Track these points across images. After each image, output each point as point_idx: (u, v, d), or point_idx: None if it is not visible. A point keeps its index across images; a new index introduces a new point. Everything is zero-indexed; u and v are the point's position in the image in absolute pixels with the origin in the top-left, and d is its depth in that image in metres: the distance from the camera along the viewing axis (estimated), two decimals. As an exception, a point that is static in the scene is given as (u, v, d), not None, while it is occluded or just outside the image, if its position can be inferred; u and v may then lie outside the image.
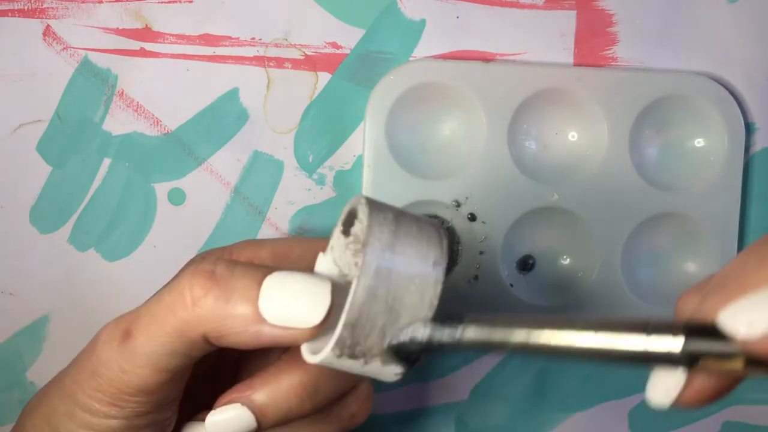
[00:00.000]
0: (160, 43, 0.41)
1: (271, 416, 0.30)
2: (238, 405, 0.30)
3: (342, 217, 0.30)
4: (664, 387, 0.25)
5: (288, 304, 0.27)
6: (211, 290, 0.28)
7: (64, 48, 0.41)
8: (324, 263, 0.30)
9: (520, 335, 0.25)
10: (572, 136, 0.43)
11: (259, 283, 0.27)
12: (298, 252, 0.33)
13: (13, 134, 0.42)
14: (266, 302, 0.27)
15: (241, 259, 0.34)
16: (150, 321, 0.29)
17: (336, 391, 0.32)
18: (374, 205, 0.27)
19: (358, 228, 0.30)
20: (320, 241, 0.33)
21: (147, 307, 0.29)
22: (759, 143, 0.43)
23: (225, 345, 0.28)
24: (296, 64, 0.42)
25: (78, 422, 0.30)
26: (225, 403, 0.30)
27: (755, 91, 0.43)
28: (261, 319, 0.27)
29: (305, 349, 0.28)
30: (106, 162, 0.42)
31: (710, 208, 0.43)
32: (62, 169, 0.42)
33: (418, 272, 0.27)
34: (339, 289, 0.28)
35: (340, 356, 0.26)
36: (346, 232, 0.30)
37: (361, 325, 0.26)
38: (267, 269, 0.28)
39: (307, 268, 0.31)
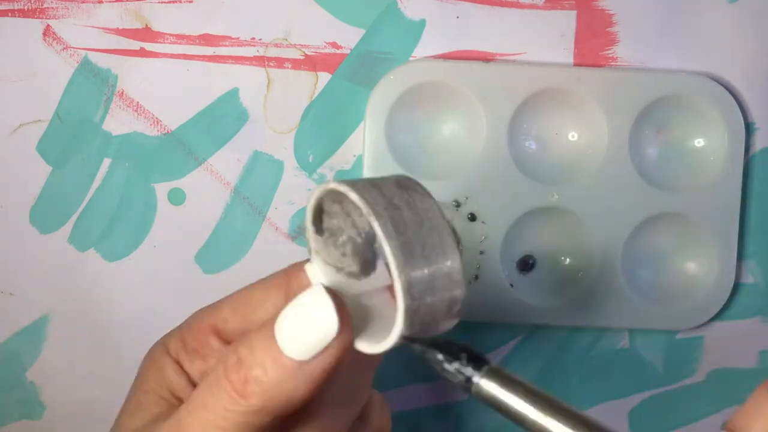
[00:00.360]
0: (160, 43, 0.41)
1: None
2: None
3: (309, 217, 0.29)
4: None
5: (304, 334, 0.26)
6: (248, 378, 0.27)
7: (64, 48, 0.41)
8: (315, 270, 0.29)
9: (532, 414, 0.25)
10: (572, 136, 0.43)
11: (273, 338, 0.26)
12: (258, 296, 0.31)
13: (13, 134, 0.42)
14: (289, 348, 0.26)
15: (202, 329, 0.32)
16: (201, 429, 0.27)
17: (348, 392, 0.30)
18: (345, 182, 0.27)
19: (329, 222, 0.29)
20: (276, 275, 0.31)
21: (188, 416, 0.27)
22: (759, 143, 0.43)
23: (300, 405, 0.27)
24: (296, 64, 0.42)
25: None
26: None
27: (755, 91, 0.43)
28: (299, 364, 0.26)
29: (366, 347, 0.27)
30: (106, 162, 0.42)
31: (710, 208, 0.43)
32: (62, 169, 0.42)
33: (424, 208, 0.27)
34: (347, 285, 0.28)
35: (414, 314, 0.26)
36: (319, 231, 0.29)
37: (416, 283, 0.25)
38: (270, 321, 0.27)
39: (272, 307, 0.30)
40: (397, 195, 0.27)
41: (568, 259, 0.44)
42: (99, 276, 0.43)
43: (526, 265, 0.43)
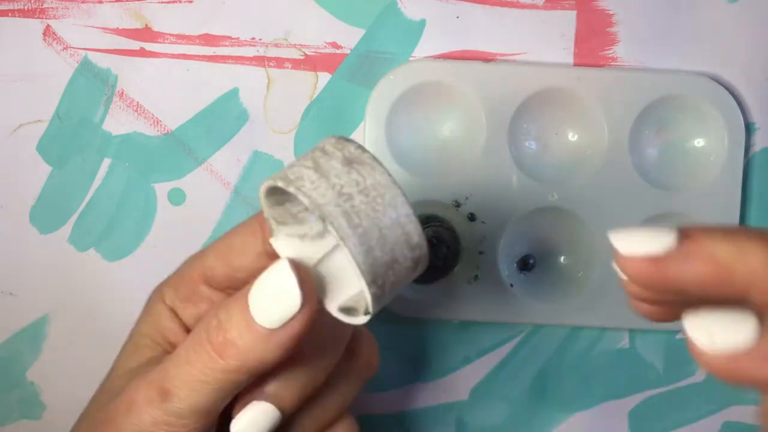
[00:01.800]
0: (160, 43, 0.41)
1: (288, 396, 0.31)
2: (254, 403, 0.31)
3: (262, 199, 0.30)
4: None
5: (271, 306, 0.28)
6: (225, 340, 0.29)
7: (64, 48, 0.41)
8: (280, 244, 0.30)
9: None
10: (572, 136, 0.43)
11: (248, 306, 0.29)
12: (238, 242, 0.33)
13: (13, 134, 0.42)
14: (260, 318, 0.28)
15: (192, 278, 0.34)
16: (186, 380, 0.30)
17: (330, 335, 0.32)
18: (289, 179, 0.28)
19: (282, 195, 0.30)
20: (250, 222, 0.33)
21: (175, 368, 0.30)
22: (759, 143, 0.43)
23: (274, 366, 0.29)
24: (296, 64, 0.42)
25: None
26: (240, 408, 0.31)
27: (755, 91, 0.43)
28: (269, 332, 0.28)
29: (342, 317, 0.29)
30: (106, 162, 0.42)
31: (710, 208, 0.43)
32: (62, 169, 0.42)
33: (375, 184, 0.28)
34: (312, 251, 0.30)
35: (381, 297, 0.28)
36: (274, 206, 0.30)
37: (376, 269, 0.27)
38: (246, 289, 0.29)
39: (252, 253, 0.32)
40: (346, 178, 0.28)
41: (568, 259, 0.44)
42: (99, 276, 0.43)
43: (526, 265, 0.43)
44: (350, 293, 0.29)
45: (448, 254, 0.42)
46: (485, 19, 0.42)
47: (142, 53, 0.41)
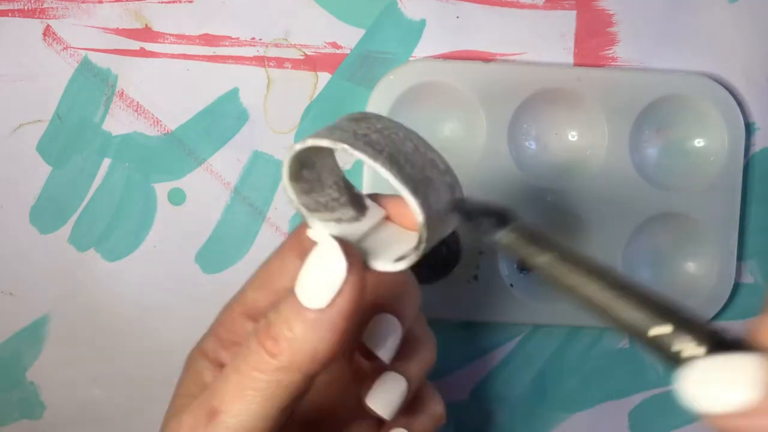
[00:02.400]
0: (160, 43, 0.41)
1: (411, 368, 0.32)
2: (383, 374, 0.31)
3: (286, 176, 0.28)
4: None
5: (318, 283, 0.27)
6: (276, 336, 0.27)
7: (64, 48, 0.41)
8: (317, 231, 0.29)
9: (544, 259, 0.27)
10: (572, 136, 0.43)
11: (296, 296, 0.27)
12: (275, 266, 0.32)
13: (13, 134, 0.42)
14: (307, 300, 0.27)
15: (234, 319, 0.32)
16: (235, 391, 0.28)
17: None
18: (308, 137, 0.27)
19: (307, 174, 0.29)
20: (286, 241, 0.32)
21: (223, 383, 0.28)
22: (759, 143, 0.43)
23: (324, 364, 0.28)
24: (296, 64, 0.42)
25: None
26: (369, 386, 0.31)
27: (755, 91, 0.43)
28: (318, 314, 0.27)
29: (385, 265, 0.28)
30: (106, 162, 0.42)
31: (710, 208, 0.43)
32: (62, 169, 0.42)
33: (384, 127, 0.28)
34: (351, 233, 0.29)
35: (429, 209, 0.27)
36: (300, 187, 0.29)
37: (414, 181, 0.27)
38: (293, 286, 0.28)
39: (293, 270, 0.30)
40: (356, 125, 0.28)
41: (568, 259, 0.44)
42: (99, 276, 0.43)
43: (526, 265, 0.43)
44: (400, 252, 0.28)
45: (448, 254, 0.42)
46: (485, 19, 0.42)
47: (142, 53, 0.41)
